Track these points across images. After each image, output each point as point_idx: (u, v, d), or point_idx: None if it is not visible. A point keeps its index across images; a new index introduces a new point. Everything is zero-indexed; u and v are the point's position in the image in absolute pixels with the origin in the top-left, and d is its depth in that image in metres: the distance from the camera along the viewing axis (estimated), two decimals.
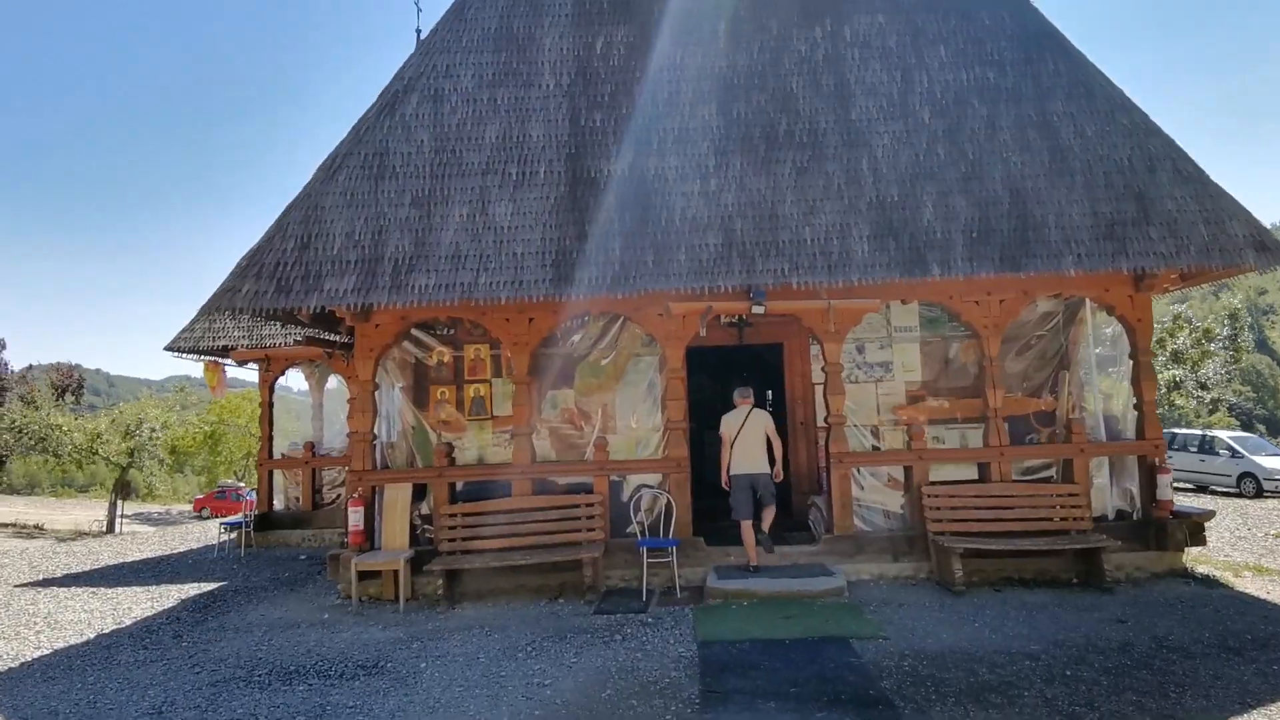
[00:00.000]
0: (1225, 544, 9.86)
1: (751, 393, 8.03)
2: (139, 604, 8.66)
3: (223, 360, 13.45)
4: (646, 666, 5.55)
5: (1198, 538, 8.04)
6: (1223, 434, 18.36)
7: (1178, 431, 19.08)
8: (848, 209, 7.78)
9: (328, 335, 10.36)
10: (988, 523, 7.66)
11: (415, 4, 13.60)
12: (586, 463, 8.26)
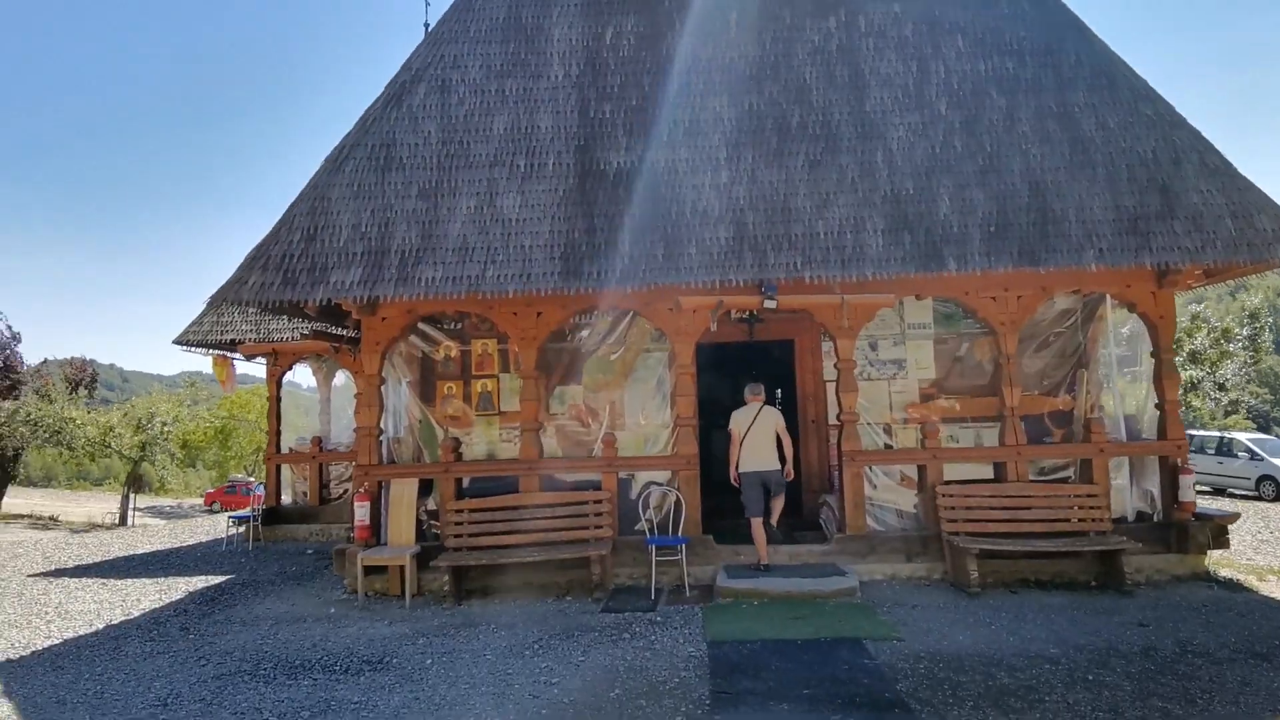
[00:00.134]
0: (1247, 547, 9.64)
1: (763, 390, 7.92)
2: (147, 596, 8.64)
3: (230, 354, 13.45)
4: (655, 666, 5.44)
5: (1220, 540, 7.84)
6: (1242, 436, 18.04)
7: (1195, 433, 18.74)
8: (862, 202, 7.64)
9: (335, 329, 10.29)
10: (1004, 523, 7.50)
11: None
12: (595, 459, 8.15)
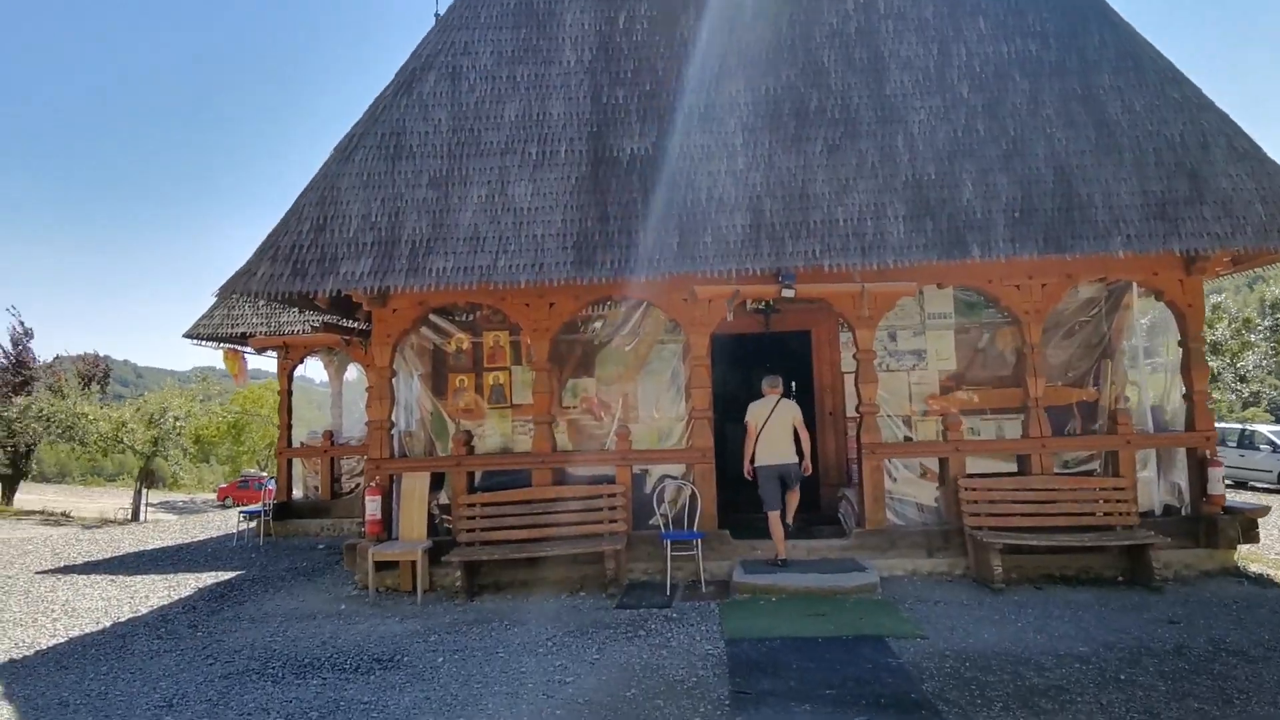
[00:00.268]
0: (1274, 540, 9.42)
1: (780, 382, 7.74)
2: (156, 592, 8.58)
3: (241, 348, 13.40)
4: (672, 664, 5.31)
5: (1250, 534, 7.64)
6: (1264, 429, 17.75)
7: (1216, 426, 18.42)
8: (882, 188, 7.44)
9: (346, 322, 10.20)
10: (1028, 517, 7.31)
11: None
12: (609, 452, 8.02)
